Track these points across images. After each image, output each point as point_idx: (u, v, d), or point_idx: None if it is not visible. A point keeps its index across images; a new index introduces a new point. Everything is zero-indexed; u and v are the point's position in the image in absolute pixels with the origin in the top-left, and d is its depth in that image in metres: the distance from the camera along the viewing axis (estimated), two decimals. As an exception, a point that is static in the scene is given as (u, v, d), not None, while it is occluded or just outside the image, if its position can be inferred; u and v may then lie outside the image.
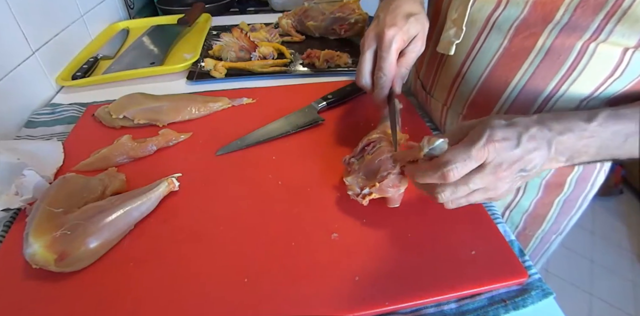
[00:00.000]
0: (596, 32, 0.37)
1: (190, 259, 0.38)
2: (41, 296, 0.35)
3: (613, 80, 0.41)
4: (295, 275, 0.36)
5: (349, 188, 0.42)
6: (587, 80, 0.41)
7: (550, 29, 0.40)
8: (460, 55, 0.49)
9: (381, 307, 0.34)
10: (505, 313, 0.35)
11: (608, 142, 0.34)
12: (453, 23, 0.47)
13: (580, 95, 0.43)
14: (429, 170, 0.33)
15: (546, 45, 0.41)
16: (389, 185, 0.39)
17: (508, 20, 0.42)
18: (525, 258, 0.39)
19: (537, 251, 0.64)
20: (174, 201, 0.44)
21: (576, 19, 0.37)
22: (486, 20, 0.43)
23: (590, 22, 0.37)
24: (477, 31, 0.45)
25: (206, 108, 0.59)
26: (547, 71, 0.42)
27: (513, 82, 0.45)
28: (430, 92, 0.58)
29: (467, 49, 0.47)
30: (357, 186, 0.41)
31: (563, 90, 0.43)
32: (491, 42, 0.44)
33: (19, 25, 0.62)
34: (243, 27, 0.88)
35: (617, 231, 1.66)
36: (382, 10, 0.47)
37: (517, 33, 0.42)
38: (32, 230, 0.37)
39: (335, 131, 0.55)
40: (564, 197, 0.54)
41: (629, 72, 0.40)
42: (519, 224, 0.59)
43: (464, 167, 0.31)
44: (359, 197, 0.41)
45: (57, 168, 0.49)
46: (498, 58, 0.44)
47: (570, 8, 0.37)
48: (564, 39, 0.39)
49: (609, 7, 0.35)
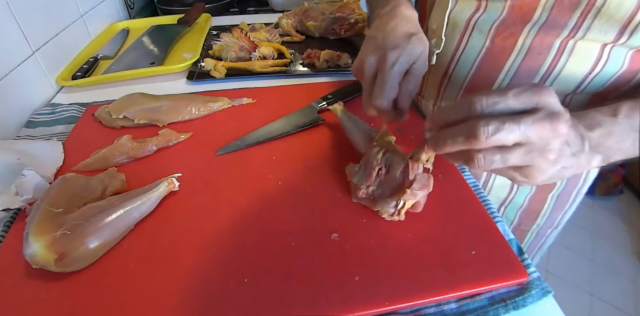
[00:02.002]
0: (574, 30, 0.38)
1: (190, 259, 0.38)
2: (41, 296, 0.35)
3: (594, 76, 0.41)
4: (295, 275, 0.36)
5: (381, 212, 0.41)
6: (568, 76, 0.42)
7: (529, 28, 0.40)
8: (445, 57, 0.49)
9: (381, 307, 0.34)
10: (505, 312, 0.35)
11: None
12: (433, 33, 0.48)
13: (564, 91, 0.43)
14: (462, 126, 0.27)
15: (526, 44, 0.41)
16: (419, 187, 0.38)
17: (488, 22, 0.43)
18: (524, 256, 0.39)
19: (533, 246, 0.65)
20: (174, 201, 0.44)
21: (553, 17, 0.38)
22: (466, 22, 0.44)
23: (568, 20, 0.37)
24: (459, 33, 0.46)
25: (206, 108, 0.59)
26: (529, 69, 0.43)
27: (498, 80, 0.46)
28: (420, 93, 0.59)
29: (452, 51, 0.48)
30: (389, 206, 0.40)
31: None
32: (473, 43, 0.45)
33: (19, 25, 0.62)
34: (243, 27, 0.88)
35: (617, 231, 1.66)
36: (377, 30, 0.44)
37: (497, 33, 0.43)
38: (32, 230, 0.37)
39: (335, 131, 0.55)
40: (557, 192, 0.55)
41: (608, 68, 0.40)
42: (514, 220, 0.59)
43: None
44: (394, 216, 0.40)
45: (57, 168, 0.49)
46: (481, 58, 0.45)
47: (547, 8, 0.38)
48: (543, 37, 0.40)
49: (583, 6, 0.36)
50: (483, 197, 0.45)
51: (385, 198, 0.40)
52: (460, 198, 0.44)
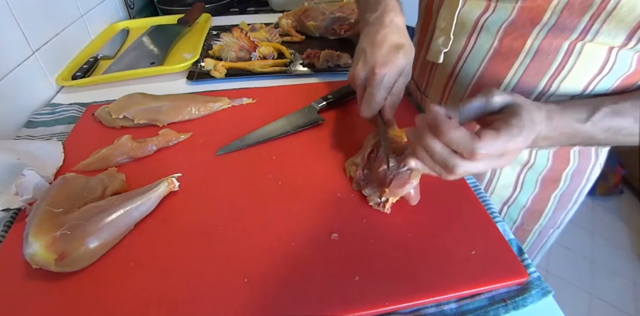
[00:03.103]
0: (583, 33, 0.38)
1: (190, 259, 0.38)
2: (41, 296, 0.35)
3: (602, 78, 0.41)
4: (295, 275, 0.36)
5: (369, 199, 0.42)
6: (576, 78, 0.42)
7: (538, 30, 0.40)
8: (452, 57, 0.49)
9: (381, 307, 0.34)
10: (505, 313, 0.35)
11: (589, 137, 0.37)
12: (441, 32, 0.48)
13: (572, 92, 0.43)
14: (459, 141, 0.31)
15: (534, 45, 0.41)
16: (398, 185, 0.39)
17: (496, 22, 0.42)
18: (524, 256, 0.39)
19: (535, 246, 0.65)
20: (174, 201, 0.44)
21: (563, 20, 0.38)
22: (475, 22, 0.44)
23: (577, 23, 0.37)
24: (467, 33, 0.46)
25: (206, 108, 0.59)
26: (537, 70, 0.43)
27: (505, 81, 0.45)
28: (424, 92, 0.59)
29: (459, 51, 0.48)
30: (376, 196, 0.41)
31: (554, 88, 0.44)
32: (481, 43, 0.45)
33: (19, 25, 0.62)
34: (243, 27, 0.88)
35: (617, 231, 1.66)
36: (366, 43, 0.44)
37: (506, 34, 0.42)
38: (32, 230, 0.37)
39: (335, 131, 0.55)
40: (560, 191, 0.55)
41: (616, 70, 0.41)
42: (517, 219, 0.59)
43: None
44: (380, 207, 0.41)
45: (57, 168, 0.49)
46: (489, 58, 0.45)
47: (556, 11, 0.38)
48: (552, 39, 0.40)
49: (594, 9, 0.36)
50: (483, 197, 0.45)
51: (373, 187, 0.42)
52: (460, 198, 0.44)
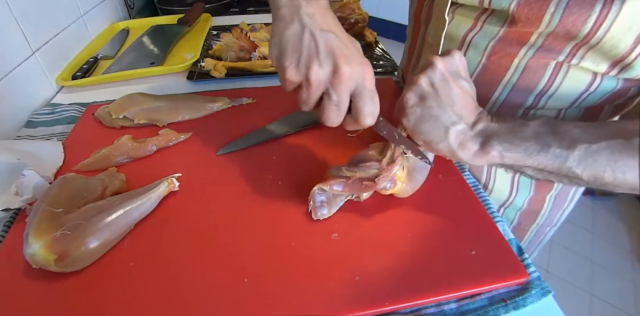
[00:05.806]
0: (569, 56, 0.39)
1: (190, 259, 0.38)
2: (41, 296, 0.35)
3: (588, 94, 0.42)
4: (295, 275, 0.36)
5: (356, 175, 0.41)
6: (564, 95, 0.43)
7: (525, 50, 0.41)
8: None
9: (381, 307, 0.34)
10: (505, 313, 0.35)
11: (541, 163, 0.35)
12: (430, 48, 0.48)
13: (560, 106, 0.44)
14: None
15: (522, 63, 0.42)
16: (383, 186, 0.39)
17: (484, 39, 0.43)
18: (524, 256, 0.39)
19: (532, 244, 0.66)
20: (174, 201, 0.44)
21: (549, 43, 0.39)
22: (462, 38, 0.44)
23: (563, 48, 0.38)
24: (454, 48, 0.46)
25: (206, 108, 0.59)
26: (526, 86, 0.43)
27: (494, 97, 0.46)
28: None
29: None
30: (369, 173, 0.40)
31: (542, 103, 0.44)
32: (470, 59, 0.45)
33: (19, 25, 0.62)
34: (243, 27, 0.88)
35: (617, 231, 1.66)
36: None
37: (494, 52, 0.43)
38: (32, 230, 0.37)
39: (335, 131, 0.55)
40: (555, 192, 0.55)
41: (603, 87, 0.41)
42: (514, 220, 0.60)
43: None
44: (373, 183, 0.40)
45: (57, 168, 0.49)
46: (478, 74, 0.45)
47: (542, 35, 0.38)
48: (539, 59, 0.40)
49: (578, 40, 0.36)
50: (483, 197, 0.45)
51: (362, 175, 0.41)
52: (460, 198, 0.44)
